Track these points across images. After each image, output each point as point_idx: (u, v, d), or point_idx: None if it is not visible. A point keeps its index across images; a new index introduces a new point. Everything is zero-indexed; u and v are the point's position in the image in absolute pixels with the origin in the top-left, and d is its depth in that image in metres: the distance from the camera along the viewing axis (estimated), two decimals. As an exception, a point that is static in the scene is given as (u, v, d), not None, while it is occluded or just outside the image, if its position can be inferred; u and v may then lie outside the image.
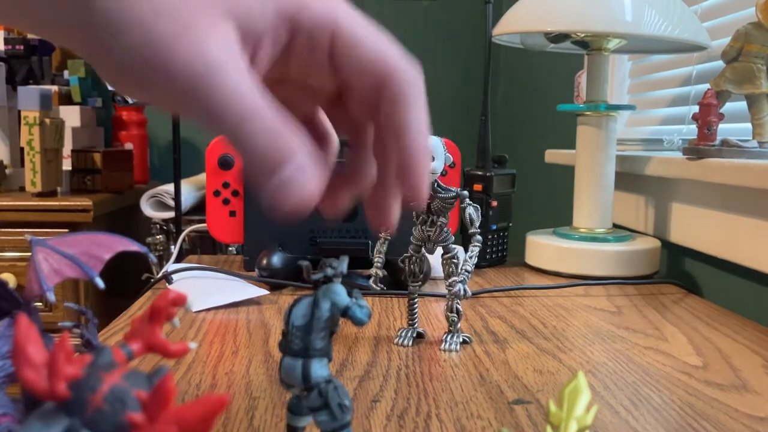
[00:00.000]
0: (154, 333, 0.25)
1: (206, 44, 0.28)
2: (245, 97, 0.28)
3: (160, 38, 0.28)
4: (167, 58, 0.28)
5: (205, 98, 0.28)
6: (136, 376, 0.20)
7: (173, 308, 0.26)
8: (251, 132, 0.28)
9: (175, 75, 0.28)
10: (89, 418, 0.19)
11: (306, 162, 0.29)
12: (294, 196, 0.29)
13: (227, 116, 0.28)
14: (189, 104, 0.28)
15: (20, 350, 0.19)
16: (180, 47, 0.28)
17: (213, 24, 0.29)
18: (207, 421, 0.19)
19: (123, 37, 0.28)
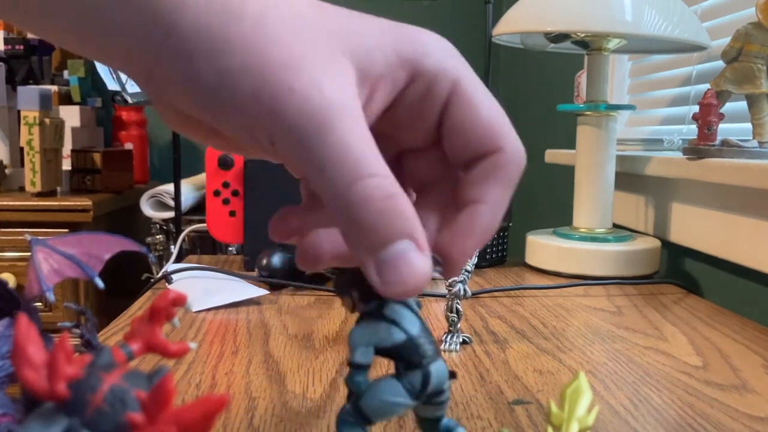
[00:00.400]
0: (154, 333, 0.25)
1: (324, 81, 0.25)
2: (363, 152, 0.25)
3: (275, 67, 0.24)
4: (277, 90, 0.24)
5: (317, 147, 0.24)
6: (136, 376, 0.20)
7: (173, 308, 0.26)
8: (363, 196, 0.24)
9: (284, 112, 0.24)
10: (89, 418, 0.19)
11: (421, 240, 0.25)
12: (404, 279, 0.25)
13: (339, 173, 0.24)
14: (292, 149, 0.25)
15: (20, 350, 0.19)
16: (294, 79, 0.24)
17: (331, 58, 0.26)
18: (207, 422, 0.19)
19: (220, 59, 0.24)
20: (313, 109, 0.24)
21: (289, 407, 0.43)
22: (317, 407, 0.43)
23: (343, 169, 0.24)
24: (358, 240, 0.25)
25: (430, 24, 1.32)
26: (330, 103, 0.24)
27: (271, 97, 0.24)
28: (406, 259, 0.25)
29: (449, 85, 0.28)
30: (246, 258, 0.85)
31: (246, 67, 0.24)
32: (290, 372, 0.50)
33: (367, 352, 0.29)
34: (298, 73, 0.24)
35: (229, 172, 0.86)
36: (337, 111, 0.24)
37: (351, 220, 0.25)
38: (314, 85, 0.24)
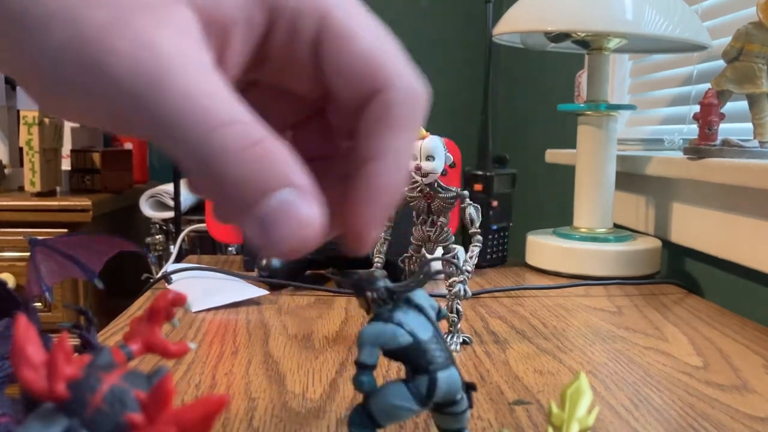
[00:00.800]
0: (154, 333, 0.24)
1: (156, 35, 0.22)
2: (212, 100, 0.21)
3: (93, 30, 0.21)
4: (103, 56, 0.21)
5: (156, 104, 0.21)
6: (136, 377, 0.20)
7: (173, 308, 0.26)
8: (221, 147, 0.21)
9: (115, 77, 0.21)
10: (89, 419, 0.19)
11: (305, 185, 0.22)
12: (293, 231, 0.22)
13: (187, 126, 0.21)
14: (136, 116, 0.21)
15: (19, 350, 0.19)
16: (121, 40, 0.21)
17: (164, 10, 0.22)
18: (207, 422, 0.19)
19: (44, 35, 0.21)
20: (143, 68, 0.21)
21: (289, 407, 0.43)
22: (317, 407, 0.43)
23: (190, 122, 0.21)
24: (230, 199, 0.22)
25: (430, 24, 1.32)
26: (162, 57, 0.21)
27: (98, 66, 0.21)
28: (291, 210, 0.22)
29: (315, 19, 0.25)
30: (246, 258, 0.85)
31: (70, 39, 0.21)
32: (290, 372, 0.50)
33: (373, 353, 0.29)
34: (122, 31, 0.21)
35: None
36: (172, 64, 0.21)
37: (214, 178, 0.21)
38: (141, 42, 0.21)
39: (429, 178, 0.53)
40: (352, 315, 0.66)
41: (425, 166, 0.52)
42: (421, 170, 0.53)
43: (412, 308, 0.30)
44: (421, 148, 0.52)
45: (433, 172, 0.53)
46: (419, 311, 0.30)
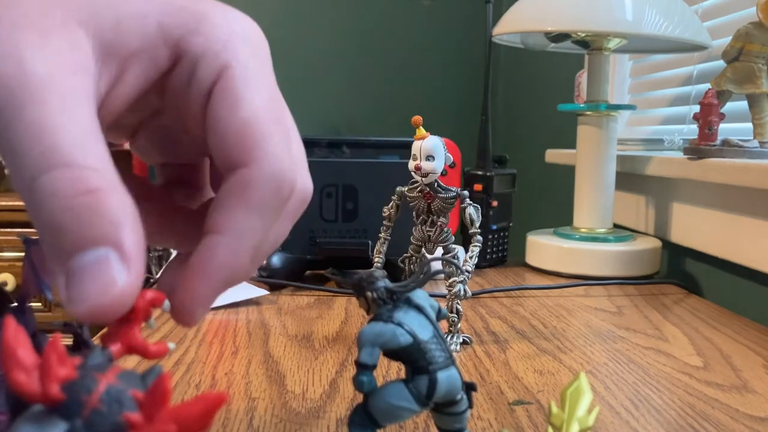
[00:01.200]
0: (133, 334, 0.24)
1: (30, 54, 0.20)
2: (60, 137, 0.20)
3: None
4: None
5: (7, 128, 0.20)
6: (131, 376, 0.20)
7: (150, 309, 0.26)
8: (51, 189, 0.19)
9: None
10: (86, 420, 0.19)
11: (128, 249, 0.20)
12: (96, 294, 0.20)
13: (25, 158, 0.19)
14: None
15: (9, 352, 0.19)
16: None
17: (54, 31, 0.21)
18: (205, 419, 0.19)
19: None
20: (7, 85, 0.20)
21: (289, 407, 0.43)
22: (317, 407, 0.43)
23: (30, 155, 0.19)
24: (47, 244, 0.20)
25: (430, 24, 1.32)
26: (29, 76, 0.20)
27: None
28: (101, 271, 0.20)
29: (214, 72, 0.23)
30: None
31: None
32: (290, 372, 0.50)
33: (373, 353, 0.29)
34: (2, 45, 0.20)
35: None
36: (37, 86, 0.20)
37: (36, 220, 0.20)
38: (12, 57, 0.20)
39: (429, 178, 0.53)
40: (352, 315, 0.66)
41: (425, 166, 0.52)
42: (421, 170, 0.53)
43: (413, 308, 0.30)
44: (421, 148, 0.52)
45: (433, 172, 0.53)
46: (419, 311, 0.30)
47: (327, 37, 2.07)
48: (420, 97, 2.12)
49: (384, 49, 2.11)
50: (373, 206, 0.57)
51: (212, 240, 0.23)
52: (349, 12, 2.08)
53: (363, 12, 2.09)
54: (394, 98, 2.11)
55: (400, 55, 2.12)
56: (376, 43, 2.10)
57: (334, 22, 2.07)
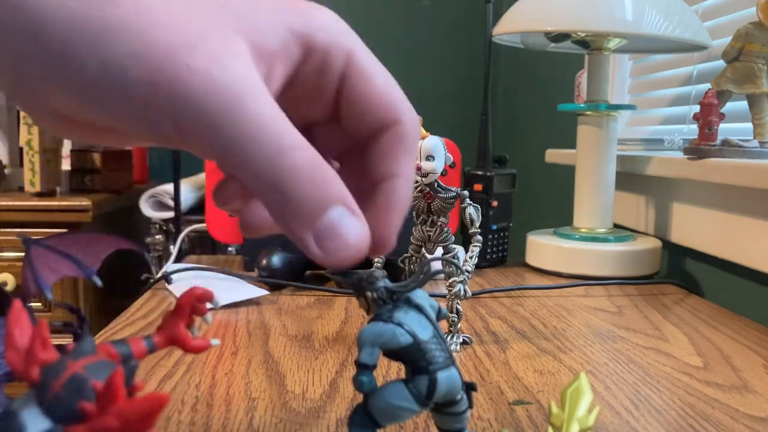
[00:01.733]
0: (178, 327, 0.25)
1: (224, 57, 0.23)
2: (281, 124, 0.24)
3: (163, 47, 0.23)
4: (175, 72, 0.22)
5: (231, 125, 0.23)
6: (102, 367, 0.21)
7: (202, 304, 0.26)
8: (291, 168, 0.23)
9: (188, 94, 0.22)
10: (48, 403, 0.19)
11: (352, 204, 0.25)
12: (346, 245, 0.25)
13: (260, 148, 0.23)
14: (202, 132, 0.23)
15: (8, 332, 0.20)
16: (193, 58, 0.23)
17: (226, 38, 0.24)
18: (148, 419, 0.19)
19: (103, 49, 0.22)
20: (220, 87, 0.23)
21: (289, 407, 0.43)
22: (317, 407, 0.43)
23: (264, 144, 0.23)
24: (291, 213, 0.24)
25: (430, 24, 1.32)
26: (235, 78, 0.23)
27: (170, 81, 0.22)
28: (344, 225, 0.25)
29: (343, 57, 0.28)
30: (245, 258, 0.85)
31: (135, 53, 0.22)
32: (290, 372, 0.50)
33: (373, 353, 0.29)
34: (194, 52, 0.23)
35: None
36: (244, 86, 0.23)
37: (280, 194, 0.24)
38: (215, 62, 0.23)
39: (429, 178, 0.53)
40: (352, 315, 0.66)
41: (425, 166, 0.52)
42: (421, 170, 0.53)
43: (413, 308, 0.30)
44: (421, 148, 0.52)
45: (433, 172, 0.53)
46: (419, 311, 0.30)
47: (327, 37, 2.07)
48: (420, 97, 2.12)
49: (384, 49, 2.11)
50: (373, 206, 0.57)
51: (395, 182, 0.29)
52: (348, 12, 2.08)
53: (363, 12, 2.09)
54: (394, 98, 2.11)
55: (400, 55, 2.12)
56: (376, 44, 2.10)
57: (334, 22, 2.07)
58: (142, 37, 0.23)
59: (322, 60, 0.28)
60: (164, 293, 0.74)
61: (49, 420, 0.19)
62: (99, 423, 0.19)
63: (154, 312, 0.66)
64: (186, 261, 0.94)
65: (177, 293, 0.72)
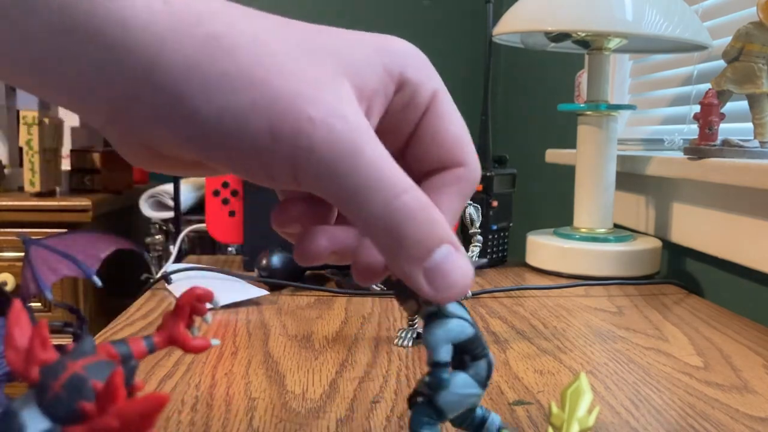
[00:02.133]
0: (178, 327, 0.25)
1: (343, 106, 0.24)
2: (393, 169, 0.25)
3: (284, 98, 0.23)
4: (298, 123, 0.23)
5: (351, 173, 0.24)
6: (101, 367, 0.21)
7: (202, 304, 0.26)
8: (404, 211, 0.25)
9: (310, 145, 0.23)
10: (48, 403, 0.20)
11: (456, 241, 0.26)
12: (453, 282, 0.26)
13: (377, 194, 0.24)
14: (322, 179, 0.24)
15: (8, 332, 0.20)
16: (313, 107, 0.23)
17: (334, 80, 0.25)
18: (147, 419, 0.19)
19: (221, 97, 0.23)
20: (340, 137, 0.24)
21: (289, 407, 0.43)
22: (317, 407, 0.43)
23: (380, 189, 0.24)
24: (403, 253, 0.25)
25: (430, 24, 1.32)
26: (352, 127, 0.24)
27: (293, 132, 0.23)
28: (451, 263, 0.26)
29: (430, 94, 0.29)
30: (245, 258, 0.85)
31: (255, 103, 0.23)
32: (290, 372, 0.50)
33: (448, 350, 0.30)
34: (314, 102, 0.24)
35: (229, 172, 0.86)
36: (360, 134, 0.24)
37: (394, 236, 0.25)
38: (334, 112, 0.24)
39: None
40: (352, 315, 0.66)
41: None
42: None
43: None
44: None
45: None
46: (456, 301, 0.31)
47: (327, 37, 2.07)
48: (420, 97, 2.12)
49: (384, 49, 2.11)
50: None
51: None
52: (348, 12, 2.08)
53: (363, 12, 2.09)
54: (394, 98, 2.11)
55: (400, 55, 2.12)
56: (376, 43, 2.10)
57: (334, 22, 2.07)
58: (262, 88, 0.23)
59: (411, 95, 0.28)
60: (164, 293, 0.74)
61: (48, 420, 0.20)
62: (99, 423, 0.19)
63: (154, 312, 0.66)
64: (186, 261, 0.94)
65: (177, 293, 0.72)
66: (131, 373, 0.22)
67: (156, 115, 0.24)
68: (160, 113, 0.24)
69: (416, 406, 0.31)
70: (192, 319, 0.27)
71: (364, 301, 0.72)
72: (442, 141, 0.30)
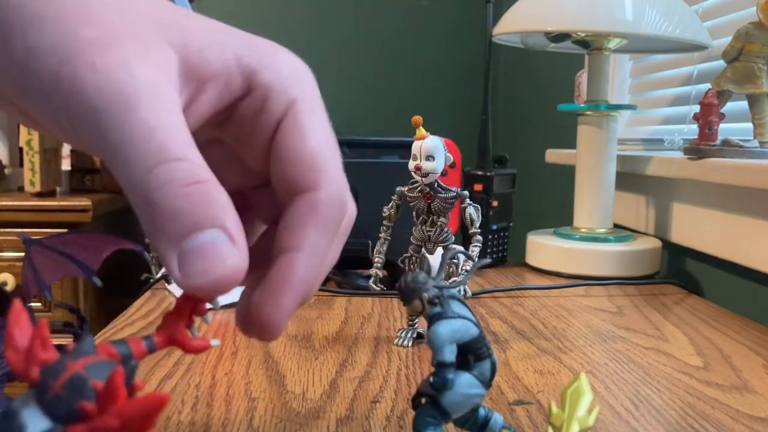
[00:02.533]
0: (178, 327, 0.25)
1: (135, 61, 0.23)
2: (169, 135, 0.22)
3: (78, 43, 0.22)
4: (79, 69, 0.22)
5: (116, 127, 0.22)
6: (102, 366, 0.21)
7: (201, 304, 0.26)
8: (165, 179, 0.22)
9: (82, 91, 0.22)
10: (48, 403, 0.20)
11: (233, 231, 0.23)
12: (211, 269, 0.22)
13: (140, 154, 0.22)
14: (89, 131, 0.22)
15: (8, 332, 0.20)
16: (100, 56, 0.22)
17: (152, 44, 0.24)
18: (147, 419, 0.19)
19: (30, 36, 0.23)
20: (116, 87, 0.22)
21: (289, 407, 0.43)
22: (317, 407, 0.43)
23: (144, 150, 0.22)
24: (160, 228, 0.22)
25: (430, 24, 1.32)
26: (136, 81, 0.22)
27: (72, 76, 0.22)
28: (214, 250, 0.22)
29: (284, 105, 0.26)
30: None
31: (53, 44, 0.22)
32: (290, 372, 0.50)
33: (453, 350, 0.30)
34: (105, 50, 0.22)
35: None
36: (143, 91, 0.22)
37: (151, 206, 0.22)
38: (121, 63, 0.22)
39: (429, 178, 0.53)
40: (352, 315, 0.66)
41: (425, 166, 0.52)
42: (421, 170, 0.53)
43: (456, 300, 0.31)
44: (421, 148, 0.52)
45: (433, 172, 0.53)
46: (461, 302, 0.31)
47: (326, 37, 2.07)
48: (420, 97, 2.12)
49: (384, 49, 2.11)
50: (373, 206, 0.57)
51: (292, 257, 0.25)
52: (348, 12, 2.08)
53: (362, 12, 2.09)
54: (394, 98, 2.11)
55: (400, 55, 2.12)
56: (376, 43, 2.10)
57: (334, 22, 2.07)
58: (65, 32, 0.22)
59: (263, 101, 0.26)
60: (164, 293, 0.74)
61: (49, 420, 0.20)
62: (99, 423, 0.19)
63: (154, 312, 0.66)
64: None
65: (177, 293, 0.72)
66: (131, 373, 0.22)
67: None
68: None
69: (420, 406, 0.31)
70: (192, 319, 0.27)
71: (364, 301, 0.72)
72: (294, 159, 0.26)
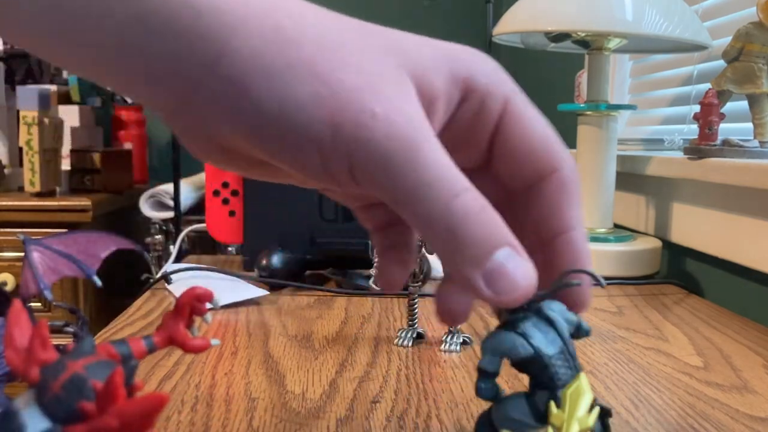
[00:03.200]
0: (177, 327, 0.25)
1: (404, 102, 0.24)
2: (451, 168, 0.24)
3: (346, 92, 0.23)
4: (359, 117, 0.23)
5: (409, 170, 0.23)
6: (102, 366, 0.21)
7: (201, 304, 0.26)
8: (463, 211, 0.24)
9: (371, 139, 0.23)
10: (47, 403, 0.20)
11: (518, 245, 0.25)
12: (515, 284, 0.25)
13: (436, 192, 0.24)
14: (379, 176, 0.24)
15: (7, 332, 0.20)
16: (375, 103, 0.23)
17: (399, 78, 0.25)
18: (147, 418, 0.19)
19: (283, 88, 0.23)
20: (400, 132, 0.23)
21: (289, 407, 0.43)
22: (317, 407, 0.43)
23: (439, 187, 0.24)
24: (462, 255, 0.25)
25: (430, 24, 1.33)
26: (413, 123, 0.24)
27: (354, 125, 0.23)
28: (512, 265, 0.25)
29: (501, 102, 0.28)
30: (245, 258, 0.85)
31: (317, 95, 0.23)
32: (290, 372, 0.50)
33: (493, 360, 0.29)
34: (376, 96, 0.23)
35: (229, 172, 0.86)
36: (420, 131, 0.24)
37: (452, 237, 0.24)
38: (396, 107, 0.24)
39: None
40: (352, 315, 0.66)
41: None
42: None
43: (543, 320, 0.28)
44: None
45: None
46: (550, 324, 0.28)
47: (327, 37, 2.07)
48: (420, 97, 2.12)
49: (384, 49, 2.11)
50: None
51: (573, 236, 0.29)
52: (348, 12, 2.08)
53: (362, 12, 2.09)
54: (394, 98, 2.11)
55: (400, 55, 2.12)
56: (376, 43, 2.10)
57: (334, 22, 2.07)
58: (325, 80, 0.23)
59: (480, 104, 0.28)
60: (164, 293, 0.74)
61: (48, 420, 0.20)
62: (99, 423, 0.19)
63: (154, 312, 0.66)
64: (186, 261, 0.94)
65: (177, 293, 0.72)
66: (131, 373, 0.22)
67: (219, 105, 0.24)
68: (223, 103, 0.24)
69: (482, 414, 0.30)
70: (192, 319, 0.27)
71: (364, 301, 0.72)
72: (528, 147, 0.28)
